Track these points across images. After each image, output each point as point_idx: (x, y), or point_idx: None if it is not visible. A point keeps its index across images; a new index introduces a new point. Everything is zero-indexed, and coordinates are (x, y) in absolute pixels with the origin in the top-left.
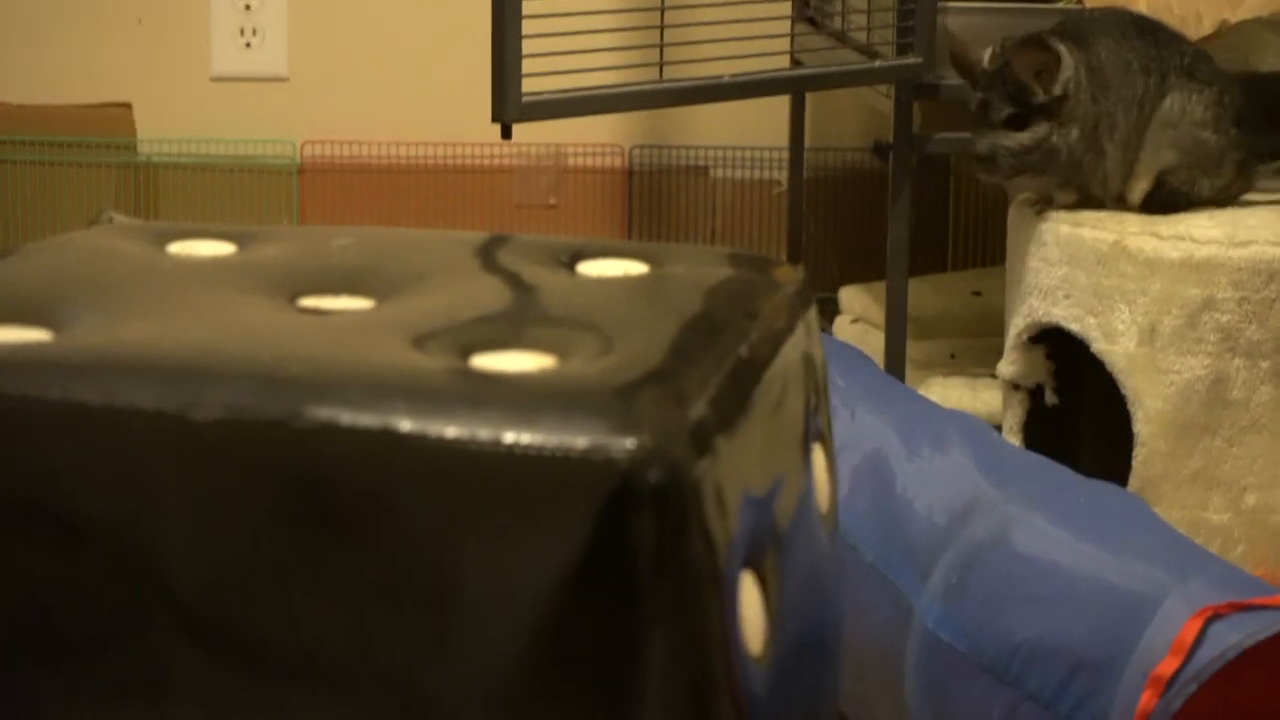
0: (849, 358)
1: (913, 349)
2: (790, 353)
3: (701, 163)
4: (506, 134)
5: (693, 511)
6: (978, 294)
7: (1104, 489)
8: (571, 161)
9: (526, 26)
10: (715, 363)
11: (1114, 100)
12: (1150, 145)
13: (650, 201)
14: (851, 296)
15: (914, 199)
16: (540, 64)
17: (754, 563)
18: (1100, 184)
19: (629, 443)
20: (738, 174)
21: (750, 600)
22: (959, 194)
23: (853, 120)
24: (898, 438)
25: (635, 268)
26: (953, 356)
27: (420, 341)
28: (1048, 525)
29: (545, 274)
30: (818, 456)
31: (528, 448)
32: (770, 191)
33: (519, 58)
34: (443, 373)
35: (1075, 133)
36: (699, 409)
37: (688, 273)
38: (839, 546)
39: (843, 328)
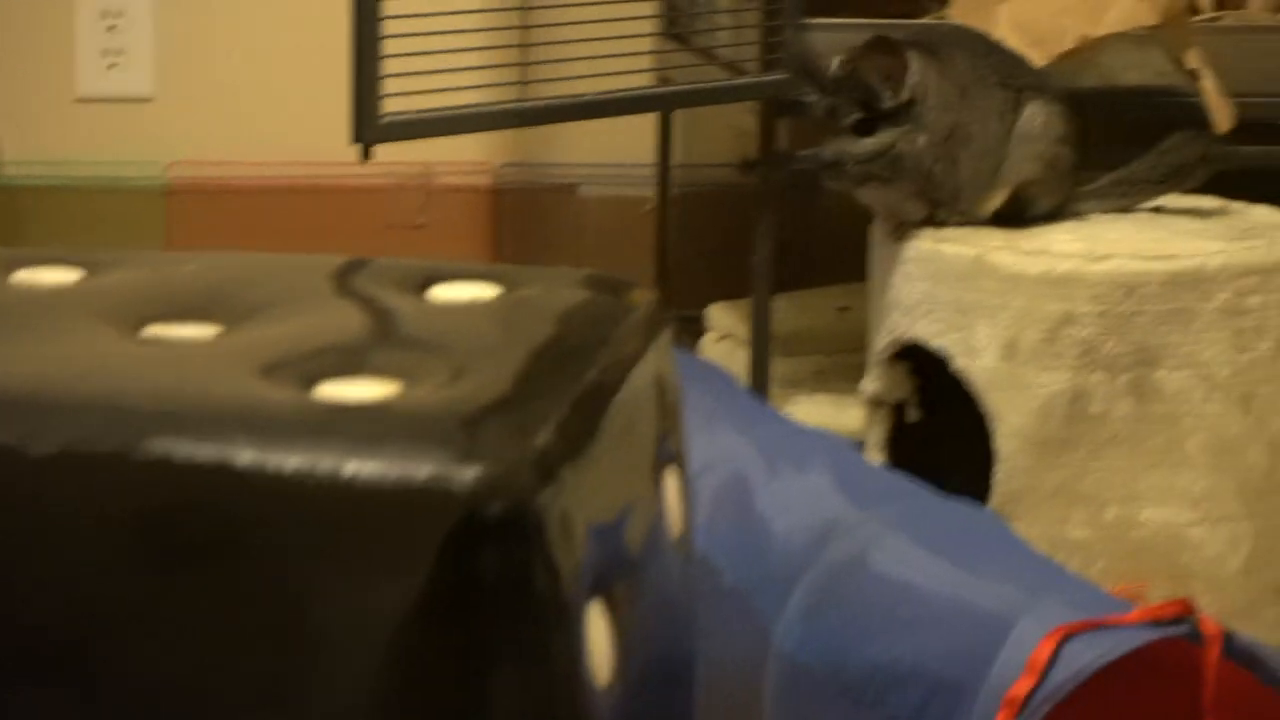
0: (711, 377)
1: (779, 366)
2: (641, 377)
3: (570, 180)
4: (367, 155)
5: (537, 542)
6: (845, 309)
7: (963, 508)
8: (439, 181)
9: (389, 46)
10: (562, 389)
11: (970, 111)
12: (1011, 159)
13: (519, 220)
14: (719, 314)
15: (781, 216)
16: (402, 83)
17: (603, 591)
18: (951, 196)
19: (471, 473)
20: (606, 191)
21: (598, 630)
22: (828, 210)
23: (722, 136)
24: (759, 458)
25: (487, 291)
26: (819, 373)
27: (265, 370)
28: (906, 546)
29: (396, 299)
30: (670, 481)
31: (369, 479)
32: (639, 209)
33: (377, 78)
34: (285, 402)
35: (923, 139)
36: (544, 437)
37: (540, 296)
38: (693, 572)
39: (710, 345)
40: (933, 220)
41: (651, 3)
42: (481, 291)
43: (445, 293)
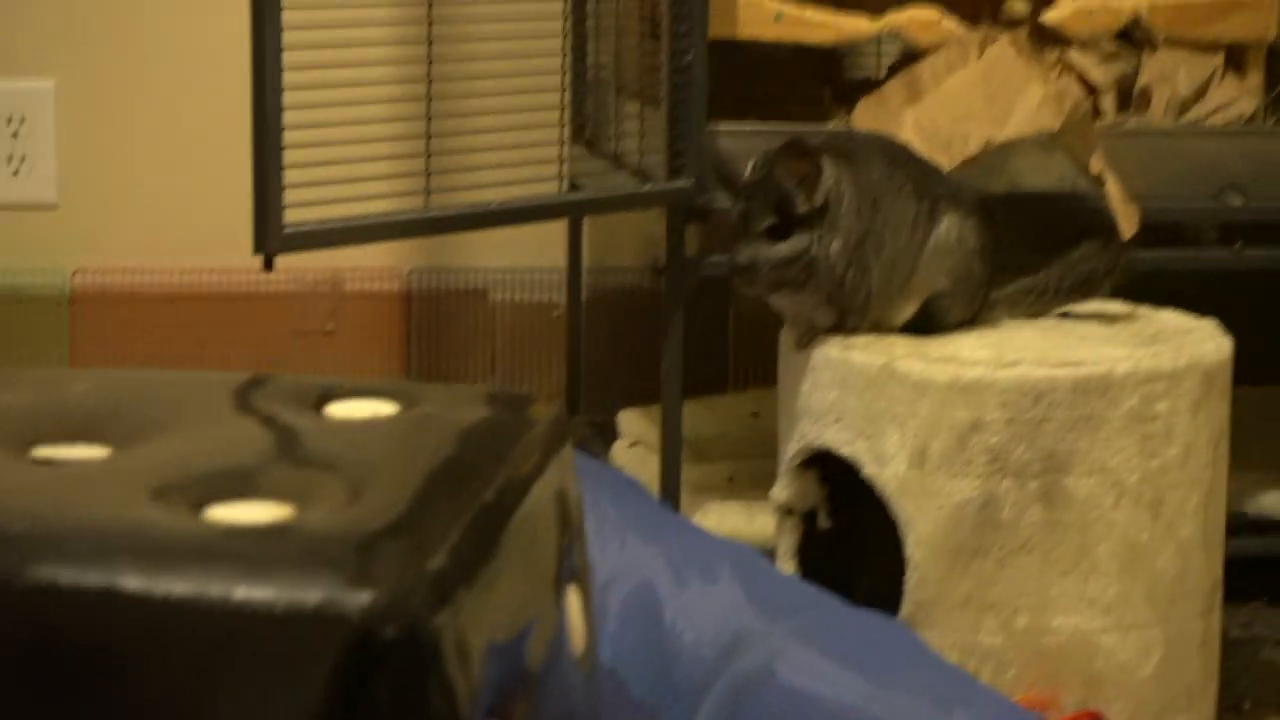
0: (620, 486)
1: (690, 472)
2: (541, 493)
3: (480, 285)
4: (269, 265)
5: (432, 666)
6: (756, 415)
7: (872, 619)
8: (349, 286)
9: (292, 155)
10: (459, 510)
11: (883, 219)
12: (924, 270)
13: (430, 325)
14: (630, 420)
15: (691, 321)
16: (306, 193)
17: (501, 713)
18: (862, 304)
19: (363, 598)
20: (517, 296)
21: None
22: (739, 315)
23: (633, 241)
24: (667, 568)
25: (385, 408)
26: (730, 479)
27: (154, 492)
28: (815, 658)
29: (292, 417)
30: (572, 597)
31: (259, 605)
32: (550, 314)
33: (279, 188)
34: (174, 526)
35: (837, 245)
36: (439, 559)
37: (438, 413)
38: (597, 688)
39: (621, 452)
40: (842, 328)
41: (558, 111)
42: (380, 409)
43: (342, 410)
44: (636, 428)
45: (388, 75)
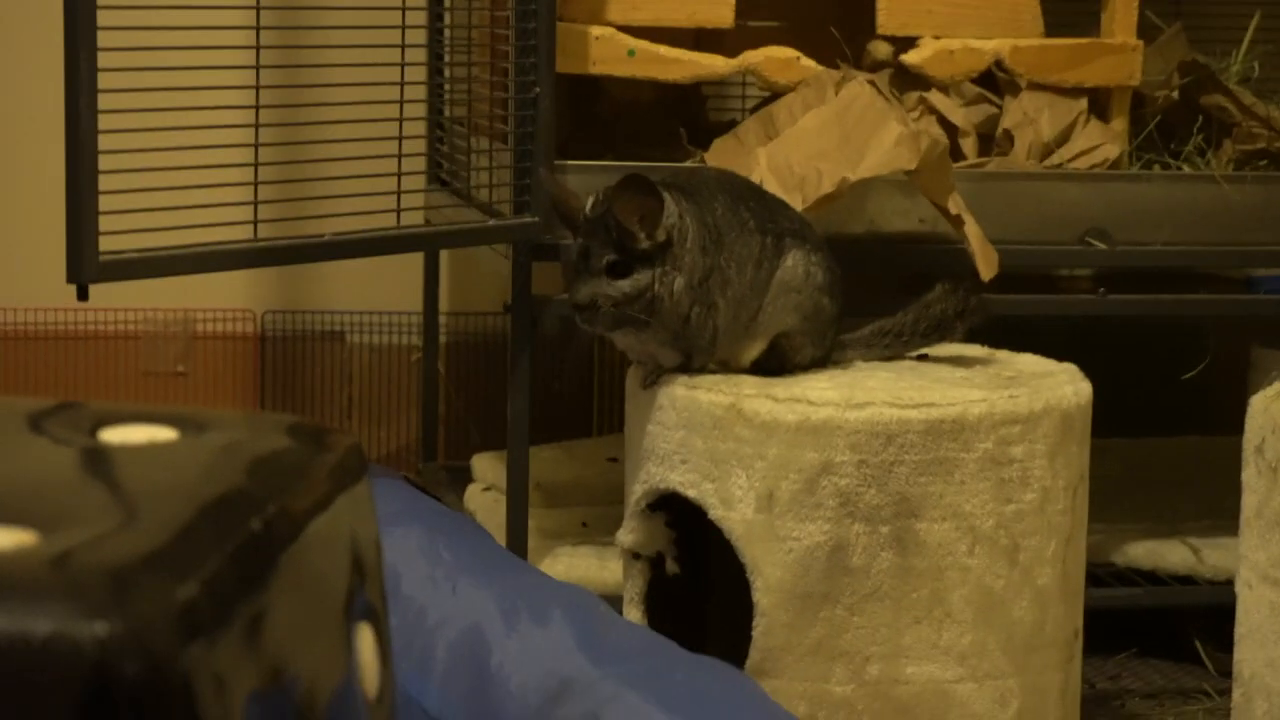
0: (457, 529)
1: (544, 518)
2: (324, 527)
3: (337, 328)
4: (83, 295)
5: (180, 707)
6: (614, 460)
7: (709, 666)
8: (201, 327)
9: (116, 180)
10: (221, 540)
11: (728, 256)
12: (771, 308)
13: (284, 368)
14: (484, 464)
15: (554, 365)
16: (127, 221)
17: None
18: (708, 342)
19: (100, 629)
20: (375, 339)
21: None
22: (603, 357)
23: (490, 285)
24: (498, 612)
25: (163, 434)
26: (584, 525)
27: None
28: (643, 705)
29: (62, 442)
30: (364, 638)
31: None
32: (408, 357)
33: (95, 212)
34: None
35: (680, 281)
36: (190, 590)
37: (219, 441)
38: None
39: (475, 496)
40: (688, 367)
41: (405, 146)
42: (158, 434)
43: (118, 436)
44: (490, 472)
45: (226, 101)
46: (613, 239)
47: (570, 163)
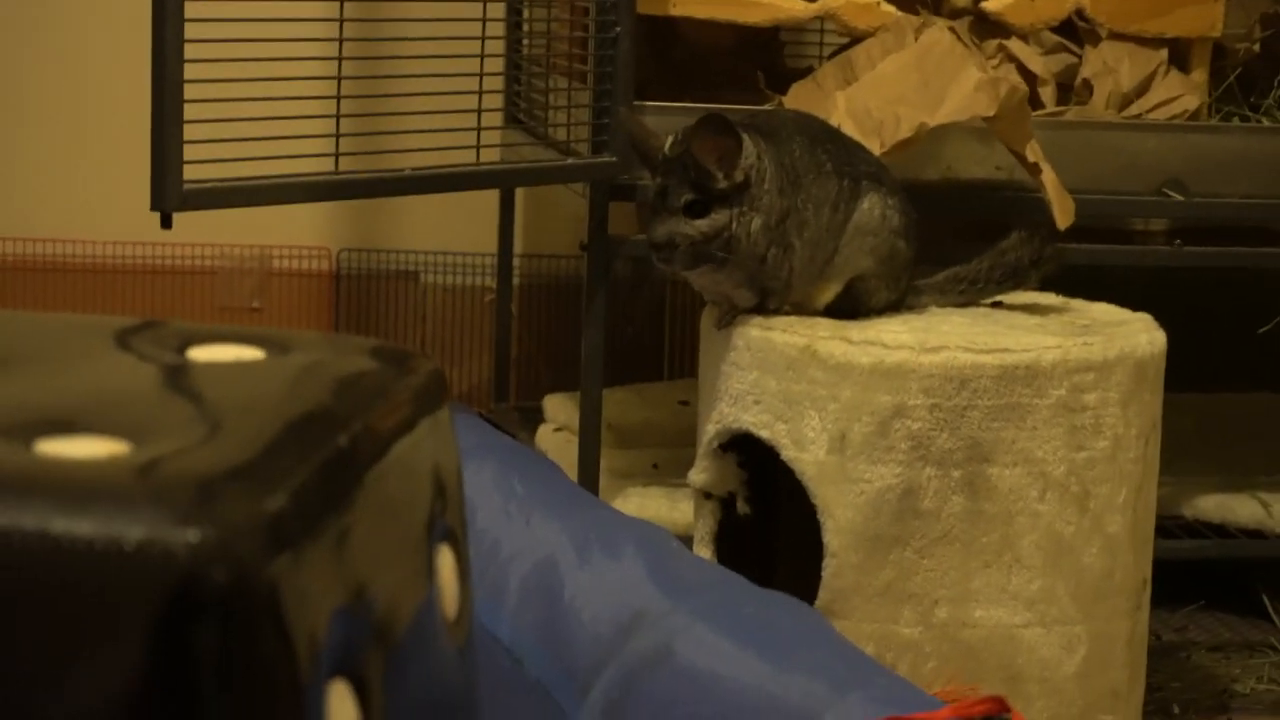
0: (531, 464)
1: (615, 458)
2: (407, 450)
3: (412, 268)
4: (167, 223)
5: (266, 617)
6: (685, 403)
7: (777, 600)
8: (276, 264)
9: (201, 110)
10: (308, 455)
11: (805, 198)
12: (847, 250)
13: (358, 306)
14: (555, 405)
15: (628, 309)
16: (212, 150)
17: (350, 673)
18: (784, 283)
19: (190, 536)
20: (449, 280)
21: (344, 716)
22: (675, 301)
23: (566, 228)
24: (570, 546)
25: (250, 353)
26: (655, 466)
27: None
28: (714, 637)
29: (151, 359)
30: (444, 560)
31: (76, 540)
32: (482, 298)
33: (180, 141)
34: None
35: (758, 222)
36: (278, 501)
37: (308, 362)
38: (472, 657)
39: (546, 436)
40: (764, 308)
41: (488, 86)
42: (245, 354)
43: (205, 354)
44: (561, 413)
45: (309, 33)
46: (690, 178)
47: (648, 104)
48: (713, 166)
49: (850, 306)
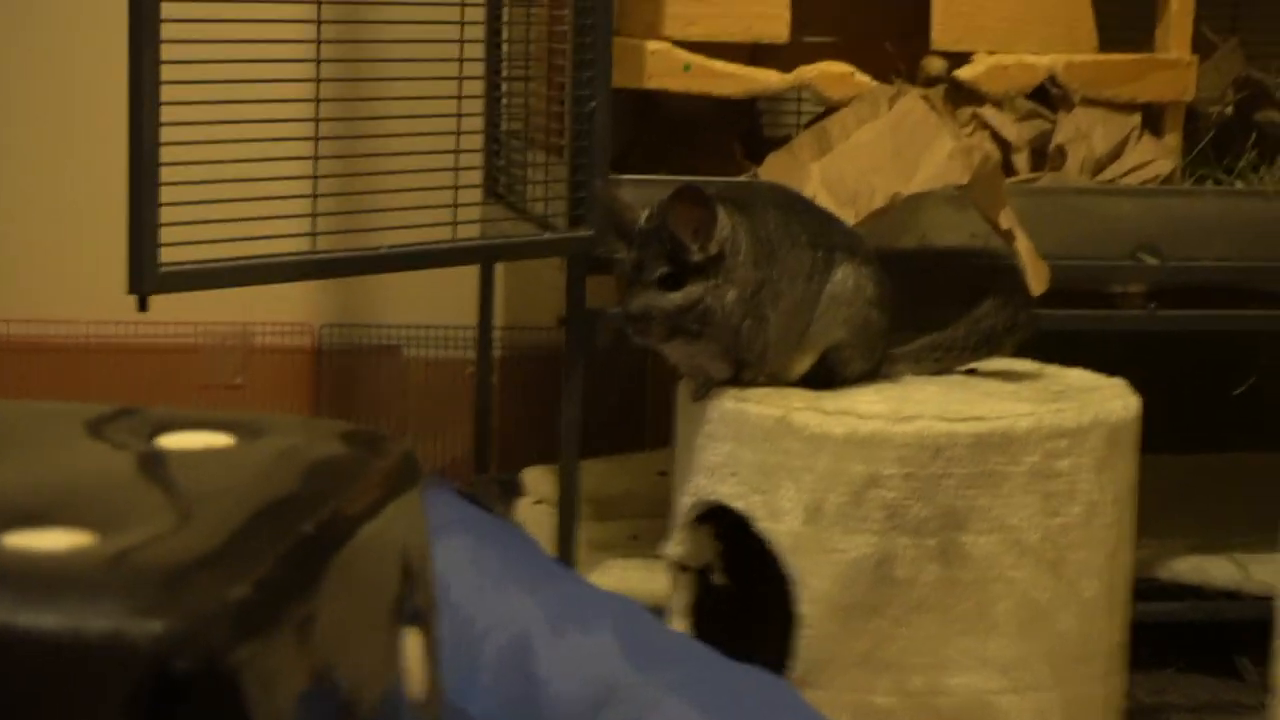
0: (506, 539)
1: (593, 530)
2: (375, 534)
3: (393, 342)
4: (144, 306)
5: (232, 704)
6: (664, 474)
7: (752, 674)
8: (258, 340)
9: (175, 193)
10: (275, 542)
11: (780, 270)
12: (821, 321)
13: (340, 381)
14: (535, 478)
15: (609, 379)
16: (187, 233)
17: None
18: (759, 355)
19: (155, 626)
20: (430, 353)
21: None
22: (656, 371)
23: (549, 298)
24: (545, 620)
25: (220, 440)
26: (634, 538)
27: None
28: (685, 711)
29: (118, 447)
30: (412, 642)
31: (42, 633)
32: (463, 371)
33: (156, 223)
34: None
35: (732, 294)
36: (243, 589)
37: (274, 446)
38: None
39: (525, 509)
40: (739, 380)
41: (462, 160)
42: (215, 440)
43: (175, 442)
44: (541, 486)
45: (287, 113)
46: (666, 251)
47: (625, 176)
48: (688, 239)
49: (825, 377)
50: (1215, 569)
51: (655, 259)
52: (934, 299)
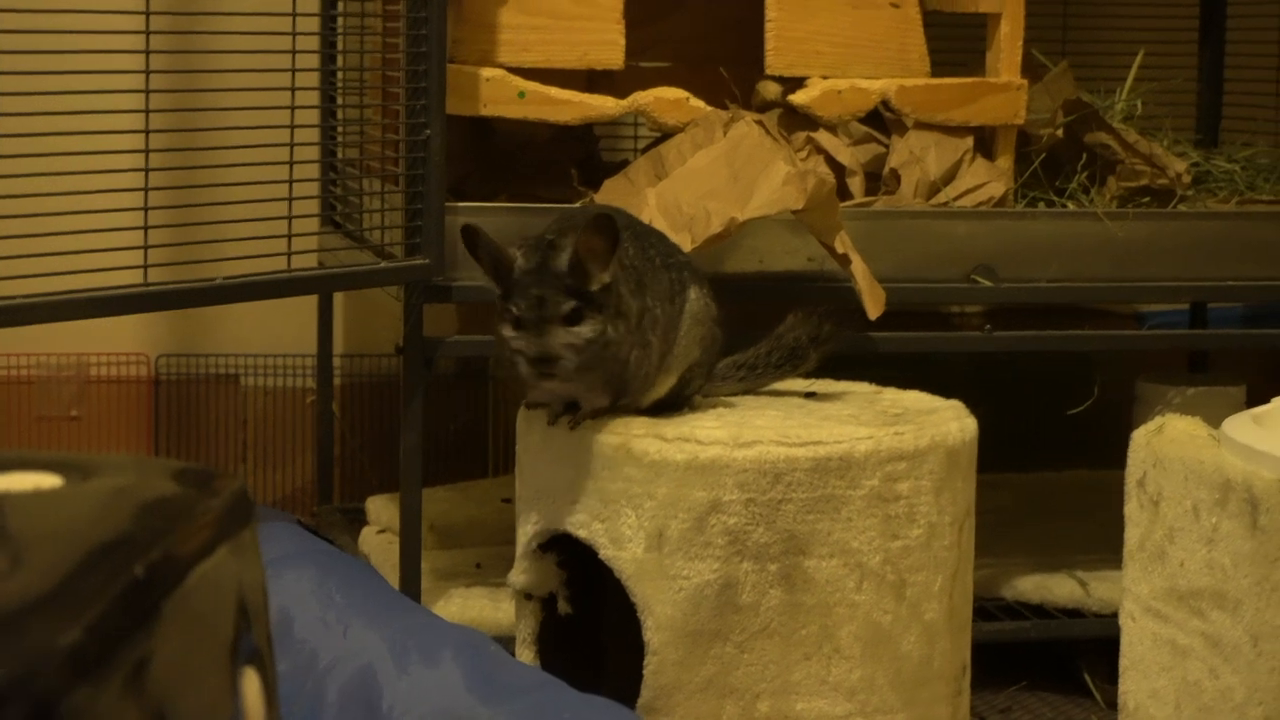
0: (349, 571)
1: (438, 559)
2: (209, 573)
3: (232, 371)
4: None
5: None
6: (508, 501)
7: (594, 704)
8: (94, 371)
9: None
10: (103, 585)
11: (652, 295)
12: (684, 342)
13: (178, 412)
14: (378, 507)
15: (451, 407)
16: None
17: None
18: (643, 382)
19: None
20: (270, 382)
21: None
22: (498, 397)
23: (388, 325)
24: (389, 653)
25: (48, 481)
26: (479, 566)
27: None
28: None
29: None
30: (249, 681)
31: None
32: (304, 400)
33: None
34: None
35: (623, 325)
36: (74, 634)
37: (105, 487)
38: None
39: (369, 539)
40: (613, 408)
41: (297, 189)
42: (44, 481)
43: (2, 483)
44: (384, 515)
45: (116, 145)
46: (565, 285)
47: (462, 204)
48: (596, 270)
49: (678, 398)
50: (1057, 587)
51: (557, 295)
52: (770, 324)
